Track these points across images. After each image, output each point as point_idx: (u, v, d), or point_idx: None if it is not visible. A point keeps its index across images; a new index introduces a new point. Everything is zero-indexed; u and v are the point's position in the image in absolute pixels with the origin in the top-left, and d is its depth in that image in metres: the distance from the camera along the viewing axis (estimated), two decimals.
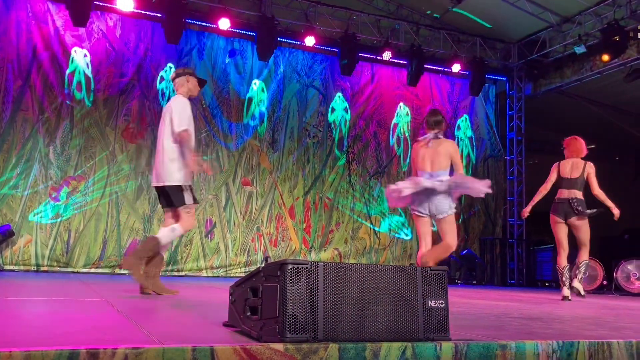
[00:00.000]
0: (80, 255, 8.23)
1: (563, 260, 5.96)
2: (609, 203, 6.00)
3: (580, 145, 6.21)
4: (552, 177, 6.15)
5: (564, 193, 6.02)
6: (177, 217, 4.38)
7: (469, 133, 11.30)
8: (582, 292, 5.96)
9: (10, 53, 8.21)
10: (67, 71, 8.50)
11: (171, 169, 4.30)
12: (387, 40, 9.93)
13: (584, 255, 5.98)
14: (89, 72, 8.62)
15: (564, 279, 5.87)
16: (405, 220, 10.43)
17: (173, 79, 4.63)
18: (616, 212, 5.95)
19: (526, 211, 6.33)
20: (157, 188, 4.43)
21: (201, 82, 4.67)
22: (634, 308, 4.92)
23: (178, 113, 4.34)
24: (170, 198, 4.33)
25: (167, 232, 4.31)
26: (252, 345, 1.66)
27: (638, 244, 10.33)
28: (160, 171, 4.34)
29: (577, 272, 5.93)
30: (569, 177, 6.05)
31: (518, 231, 11.28)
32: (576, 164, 6.10)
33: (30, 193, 8.08)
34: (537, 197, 6.22)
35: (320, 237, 9.81)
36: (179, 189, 4.32)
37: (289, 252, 9.49)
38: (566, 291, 5.83)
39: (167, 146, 4.33)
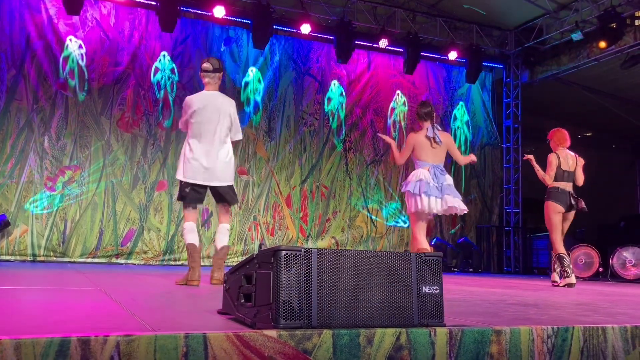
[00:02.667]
0: (77, 245, 8.22)
1: (563, 247, 6.06)
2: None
3: (566, 134, 6.30)
4: (555, 170, 6.14)
5: (563, 185, 6.10)
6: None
7: (466, 121, 11.28)
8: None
9: (3, 42, 8.15)
10: (61, 60, 8.44)
11: (231, 168, 4.46)
12: (384, 28, 9.87)
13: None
14: (83, 62, 8.57)
15: (569, 265, 5.94)
16: (402, 208, 10.43)
17: (214, 70, 4.41)
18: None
19: (531, 158, 6.30)
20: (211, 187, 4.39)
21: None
22: (629, 294, 4.94)
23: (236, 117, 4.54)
24: (227, 196, 4.45)
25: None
26: (245, 332, 1.65)
27: (634, 231, 10.36)
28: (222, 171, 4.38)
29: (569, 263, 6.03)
30: (568, 170, 6.14)
31: (514, 219, 11.30)
32: (570, 157, 6.21)
33: (26, 183, 8.06)
34: (541, 174, 6.21)
35: (317, 225, 9.81)
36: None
37: (285, 241, 9.49)
38: (574, 278, 5.89)
39: (228, 145, 4.41)
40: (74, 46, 8.54)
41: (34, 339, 1.41)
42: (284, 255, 1.76)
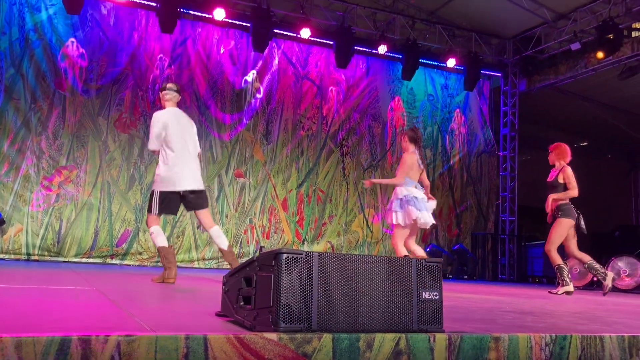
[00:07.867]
0: (72, 245, 8.19)
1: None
2: None
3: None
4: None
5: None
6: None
7: (463, 128, 11.32)
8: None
9: (2, 40, 8.12)
10: (60, 60, 8.42)
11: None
12: (383, 34, 9.90)
13: None
14: (82, 62, 8.55)
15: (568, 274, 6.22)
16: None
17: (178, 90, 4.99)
18: None
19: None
20: (193, 191, 4.75)
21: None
22: (623, 304, 4.95)
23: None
24: (203, 200, 4.87)
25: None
26: (245, 335, 1.65)
27: (628, 240, 10.39)
28: (198, 175, 4.86)
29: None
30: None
31: (510, 227, 11.33)
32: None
33: (22, 182, 8.03)
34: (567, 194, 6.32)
35: (313, 229, 9.81)
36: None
37: (281, 245, 9.47)
38: (572, 286, 6.16)
39: (196, 154, 4.98)
40: (73, 46, 8.53)
41: (34, 337, 1.41)
42: (285, 258, 1.76)
